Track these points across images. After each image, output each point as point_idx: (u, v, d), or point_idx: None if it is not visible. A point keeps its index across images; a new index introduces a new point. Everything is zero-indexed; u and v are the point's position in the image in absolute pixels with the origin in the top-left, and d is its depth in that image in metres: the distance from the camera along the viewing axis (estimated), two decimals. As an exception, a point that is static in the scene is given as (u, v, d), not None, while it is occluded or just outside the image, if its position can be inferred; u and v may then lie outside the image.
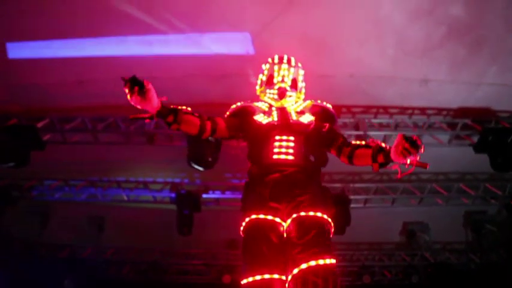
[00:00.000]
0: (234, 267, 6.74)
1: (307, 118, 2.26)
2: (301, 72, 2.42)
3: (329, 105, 2.41)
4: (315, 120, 2.27)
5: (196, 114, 2.12)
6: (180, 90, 5.31)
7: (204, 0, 4.10)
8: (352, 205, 5.77)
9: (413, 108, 5.23)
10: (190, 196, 5.65)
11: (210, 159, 4.62)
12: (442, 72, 4.74)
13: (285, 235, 1.97)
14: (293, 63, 2.38)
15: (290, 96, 2.32)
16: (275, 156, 2.13)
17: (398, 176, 1.87)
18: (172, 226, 6.12)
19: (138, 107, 1.87)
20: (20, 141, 4.53)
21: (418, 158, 1.79)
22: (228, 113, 2.37)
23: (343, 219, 5.60)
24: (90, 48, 4.45)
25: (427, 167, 1.82)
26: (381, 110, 5.25)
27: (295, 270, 1.79)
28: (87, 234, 6.71)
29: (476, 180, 6.14)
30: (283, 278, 1.83)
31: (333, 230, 2.01)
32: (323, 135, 2.26)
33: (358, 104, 5.26)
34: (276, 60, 2.38)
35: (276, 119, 2.24)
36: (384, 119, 5.15)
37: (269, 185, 2.05)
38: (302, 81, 2.42)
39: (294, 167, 2.11)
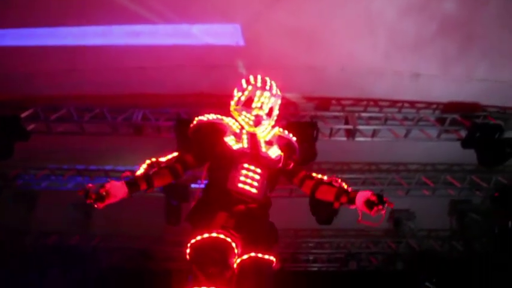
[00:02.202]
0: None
1: (275, 152, 2.31)
2: (279, 101, 2.44)
3: (294, 138, 2.48)
4: (283, 155, 2.33)
5: (164, 165, 2.14)
6: (168, 81, 5.30)
7: (194, -10, 4.03)
8: (340, 196, 5.89)
9: (403, 102, 5.29)
10: (179, 186, 5.68)
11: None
12: (433, 67, 4.78)
13: (235, 264, 2.06)
14: (274, 91, 2.39)
15: (264, 124, 2.36)
16: (240, 185, 2.17)
17: (359, 220, 2.11)
18: (161, 213, 6.17)
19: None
20: (3, 132, 4.47)
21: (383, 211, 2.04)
22: (195, 123, 2.36)
23: (330, 210, 5.73)
24: (77, 37, 4.36)
25: (392, 207, 2.07)
26: (371, 103, 5.30)
27: None
28: (74, 221, 6.74)
29: (463, 171, 6.30)
30: None
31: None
32: (286, 171, 2.38)
33: (348, 97, 5.30)
34: (259, 83, 2.37)
35: (246, 146, 2.27)
36: (373, 113, 5.20)
37: (235, 215, 2.11)
38: (277, 110, 2.45)
39: (255, 201, 2.19)
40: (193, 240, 2.03)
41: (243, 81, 2.43)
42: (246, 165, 2.20)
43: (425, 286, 6.80)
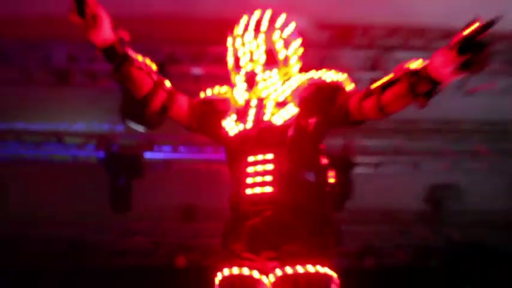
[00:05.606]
0: (190, 246, 7.06)
1: (284, 114, 2.13)
2: (286, 32, 2.22)
3: (333, 78, 2.18)
4: (298, 114, 2.12)
5: (155, 77, 2.13)
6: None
7: None
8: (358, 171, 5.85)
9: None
10: (127, 157, 5.55)
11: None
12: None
13: None
14: (264, 26, 2.18)
15: (265, 79, 2.18)
16: (248, 191, 2.09)
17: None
18: (106, 190, 6.05)
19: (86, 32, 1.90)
20: None
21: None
22: (205, 94, 2.36)
23: (341, 190, 5.65)
24: None
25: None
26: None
27: None
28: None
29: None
30: None
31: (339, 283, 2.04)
32: (332, 118, 2.13)
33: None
34: (241, 30, 2.22)
35: (249, 125, 2.15)
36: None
37: (243, 236, 2.08)
38: (288, 47, 2.23)
39: (274, 204, 2.06)
40: (219, 276, 2.09)
41: (228, 39, 2.29)
42: (251, 158, 2.10)
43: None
